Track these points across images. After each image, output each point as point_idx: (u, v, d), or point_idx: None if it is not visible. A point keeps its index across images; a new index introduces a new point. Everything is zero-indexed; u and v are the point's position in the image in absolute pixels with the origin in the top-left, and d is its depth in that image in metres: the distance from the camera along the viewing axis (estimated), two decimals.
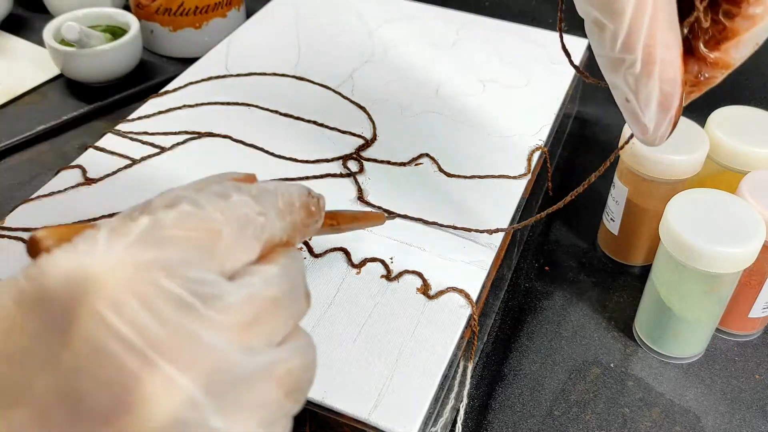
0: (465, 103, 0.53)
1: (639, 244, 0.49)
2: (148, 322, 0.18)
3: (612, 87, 0.29)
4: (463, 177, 0.46)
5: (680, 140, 0.45)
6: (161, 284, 0.19)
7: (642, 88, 0.27)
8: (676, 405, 0.43)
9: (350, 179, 0.46)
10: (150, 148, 0.48)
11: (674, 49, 0.27)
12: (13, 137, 0.58)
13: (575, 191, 0.38)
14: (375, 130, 0.50)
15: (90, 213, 0.43)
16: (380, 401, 0.33)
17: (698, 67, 0.29)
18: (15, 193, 0.54)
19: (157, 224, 0.20)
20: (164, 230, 0.20)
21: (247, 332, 0.20)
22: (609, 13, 0.26)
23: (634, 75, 0.27)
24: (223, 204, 0.21)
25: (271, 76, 0.55)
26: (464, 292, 0.38)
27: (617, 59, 0.27)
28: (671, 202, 0.40)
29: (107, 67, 0.63)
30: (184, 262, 0.19)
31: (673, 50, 0.27)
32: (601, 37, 0.27)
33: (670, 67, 0.27)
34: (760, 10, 0.27)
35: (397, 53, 0.58)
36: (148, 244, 0.19)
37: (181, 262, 0.19)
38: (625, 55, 0.27)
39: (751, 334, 0.47)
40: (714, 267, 0.38)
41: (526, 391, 0.43)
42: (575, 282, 0.50)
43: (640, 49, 0.26)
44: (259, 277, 0.21)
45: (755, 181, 0.42)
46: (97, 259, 0.18)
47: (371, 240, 0.41)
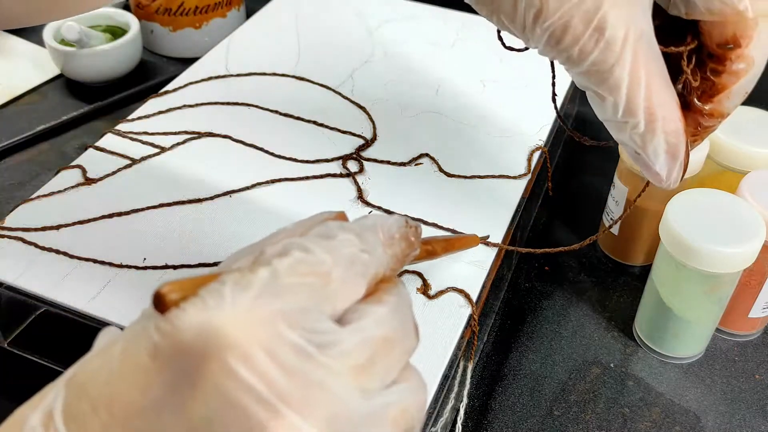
0: (465, 103, 0.53)
1: (639, 244, 0.49)
2: (274, 374, 0.19)
3: (621, 143, 0.31)
4: (463, 177, 0.46)
5: None
6: (284, 335, 0.19)
7: (648, 144, 0.30)
8: (676, 405, 0.43)
9: (350, 179, 0.46)
10: (150, 148, 0.48)
11: (672, 105, 0.29)
12: (13, 137, 0.58)
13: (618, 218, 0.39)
14: (375, 130, 0.50)
15: (90, 213, 0.43)
16: None
17: (697, 119, 0.31)
18: (15, 193, 0.54)
19: (275, 275, 0.20)
20: (281, 279, 0.20)
21: (363, 375, 0.21)
22: (606, 88, 0.28)
23: (639, 134, 0.29)
24: (330, 245, 0.22)
25: (271, 76, 0.55)
26: (464, 292, 0.38)
27: (621, 123, 0.29)
28: (671, 202, 0.40)
29: (107, 67, 0.63)
30: (301, 310, 0.20)
31: (671, 106, 0.29)
32: (603, 106, 0.29)
33: (671, 121, 0.29)
34: (743, 66, 0.29)
35: (397, 53, 0.58)
36: (270, 296, 0.20)
37: (299, 310, 0.20)
38: (629, 119, 0.29)
39: (751, 334, 0.47)
40: (714, 267, 0.38)
41: (526, 391, 0.43)
42: (575, 282, 0.50)
43: (642, 113, 0.28)
44: (371, 319, 0.22)
45: (755, 181, 0.42)
46: (226, 314, 0.19)
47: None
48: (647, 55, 0.28)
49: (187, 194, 0.44)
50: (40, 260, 0.40)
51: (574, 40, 0.27)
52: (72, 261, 0.40)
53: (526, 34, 0.29)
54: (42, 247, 0.40)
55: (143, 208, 0.43)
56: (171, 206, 0.43)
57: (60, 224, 0.42)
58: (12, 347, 0.42)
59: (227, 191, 0.45)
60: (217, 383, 0.19)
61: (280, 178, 0.46)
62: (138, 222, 0.42)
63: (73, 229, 0.42)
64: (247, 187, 0.45)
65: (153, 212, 0.43)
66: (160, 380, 0.19)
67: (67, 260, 0.40)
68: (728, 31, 0.29)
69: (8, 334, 0.42)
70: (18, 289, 0.39)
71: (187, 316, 0.19)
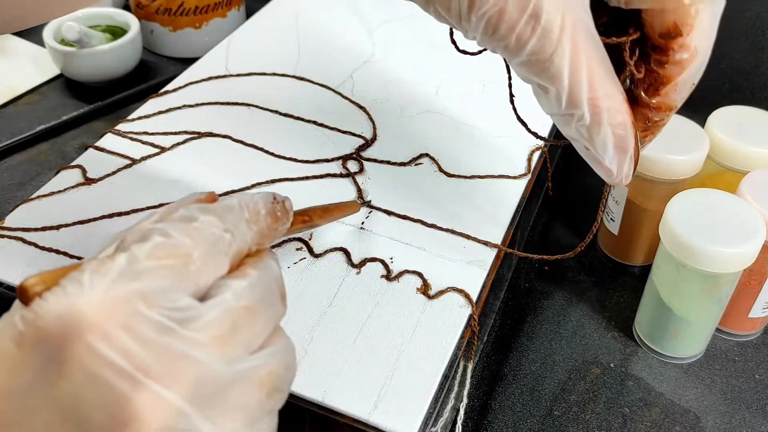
0: (465, 103, 0.53)
1: (639, 244, 0.49)
2: (133, 348, 0.20)
3: (570, 140, 0.31)
4: (463, 177, 0.46)
5: (680, 140, 0.45)
6: (142, 313, 0.21)
7: (595, 136, 0.29)
8: (676, 405, 0.43)
9: (350, 179, 0.46)
10: (150, 148, 0.48)
11: (617, 96, 0.28)
12: (13, 137, 0.58)
13: None
14: (375, 130, 0.50)
15: (90, 213, 0.43)
16: (380, 401, 0.33)
17: (645, 113, 0.31)
18: (15, 193, 0.54)
19: (132, 259, 0.22)
20: (139, 264, 0.22)
21: (227, 344, 0.22)
22: (547, 78, 0.28)
23: (585, 127, 0.29)
24: (191, 227, 0.23)
25: (271, 76, 0.55)
26: (464, 292, 0.38)
27: (567, 115, 0.29)
28: (671, 202, 0.40)
29: (107, 67, 0.63)
30: (160, 290, 0.22)
31: (617, 97, 0.28)
32: (547, 98, 0.29)
33: (617, 112, 0.28)
34: (687, 55, 0.29)
35: (397, 53, 0.58)
36: (127, 279, 0.21)
37: (158, 290, 0.21)
38: (573, 111, 0.28)
39: (751, 334, 0.47)
40: (714, 267, 0.38)
41: (526, 391, 0.43)
42: (575, 282, 0.50)
43: (585, 103, 0.28)
44: (230, 292, 0.23)
45: (755, 181, 0.42)
46: (84, 298, 0.21)
47: (371, 240, 0.41)
48: (587, 44, 0.27)
49: (186, 194, 0.44)
50: (40, 260, 0.40)
51: (510, 28, 0.27)
52: (72, 261, 0.40)
53: (463, 24, 0.28)
54: (42, 247, 0.40)
55: (143, 208, 0.43)
56: None
57: (60, 224, 0.42)
58: None
59: (227, 191, 0.45)
60: (80, 362, 0.20)
61: (280, 178, 0.46)
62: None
63: (73, 229, 0.42)
64: (247, 187, 0.45)
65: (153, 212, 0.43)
66: (26, 365, 0.20)
67: (67, 260, 0.40)
68: (668, 20, 0.28)
69: None
70: None
71: (48, 303, 0.21)
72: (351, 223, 0.42)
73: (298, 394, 0.34)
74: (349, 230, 0.42)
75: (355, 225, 0.42)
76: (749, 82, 0.62)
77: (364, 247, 0.41)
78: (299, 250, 0.41)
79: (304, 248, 0.41)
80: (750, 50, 0.61)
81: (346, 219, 0.43)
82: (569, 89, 0.28)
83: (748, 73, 0.62)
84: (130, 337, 0.20)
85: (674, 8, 0.28)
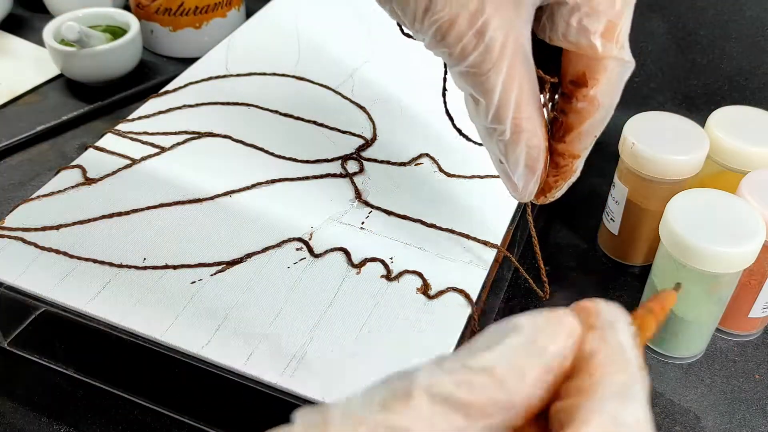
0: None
1: (639, 244, 0.49)
2: None
3: (487, 149, 0.32)
4: (463, 177, 0.46)
5: (680, 140, 0.45)
6: None
7: (511, 153, 0.31)
8: (676, 405, 0.43)
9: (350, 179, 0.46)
10: (150, 148, 0.48)
11: (537, 121, 0.31)
12: (13, 137, 0.58)
13: None
14: (375, 130, 0.50)
15: (90, 213, 0.43)
16: None
17: (555, 159, 0.33)
18: (15, 193, 0.54)
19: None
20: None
21: None
22: (481, 91, 0.29)
23: (504, 142, 0.30)
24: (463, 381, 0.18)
25: (271, 76, 0.55)
26: (464, 292, 0.38)
27: (490, 128, 0.30)
28: (671, 203, 0.40)
29: (107, 67, 0.63)
30: None
31: (537, 122, 0.30)
32: (476, 109, 0.30)
33: (535, 136, 0.31)
34: (588, 106, 0.30)
35: (397, 53, 0.58)
36: None
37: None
38: (497, 126, 0.30)
39: (751, 334, 0.47)
40: (714, 267, 0.38)
41: None
42: (575, 282, 0.50)
43: (509, 121, 0.30)
44: None
45: (755, 181, 0.42)
46: None
47: (371, 240, 0.41)
48: (522, 68, 0.29)
49: (187, 194, 0.44)
50: (40, 260, 0.40)
51: (457, 38, 0.29)
52: (72, 261, 0.40)
53: (416, 25, 0.30)
54: (42, 247, 0.40)
55: (143, 208, 0.43)
56: (171, 206, 0.43)
57: (60, 224, 0.42)
58: (12, 347, 0.42)
59: (227, 191, 0.45)
60: None
61: (280, 178, 0.46)
62: (138, 222, 0.42)
63: (73, 229, 0.42)
64: (247, 187, 0.45)
65: (153, 212, 0.43)
66: None
67: (67, 260, 0.40)
68: (580, 68, 0.30)
69: (8, 334, 0.42)
70: (18, 289, 0.39)
71: None
72: (351, 223, 0.42)
73: (297, 394, 0.34)
74: (349, 230, 0.42)
75: (355, 225, 0.42)
76: (749, 82, 0.62)
77: (364, 247, 0.41)
78: (299, 250, 0.41)
79: (304, 248, 0.41)
80: (750, 50, 0.61)
81: (346, 219, 0.43)
82: (498, 105, 0.29)
83: (748, 73, 0.62)
84: None
85: (587, 59, 0.30)
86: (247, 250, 0.41)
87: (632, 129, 0.46)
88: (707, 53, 0.63)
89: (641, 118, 0.47)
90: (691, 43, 0.63)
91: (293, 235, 0.41)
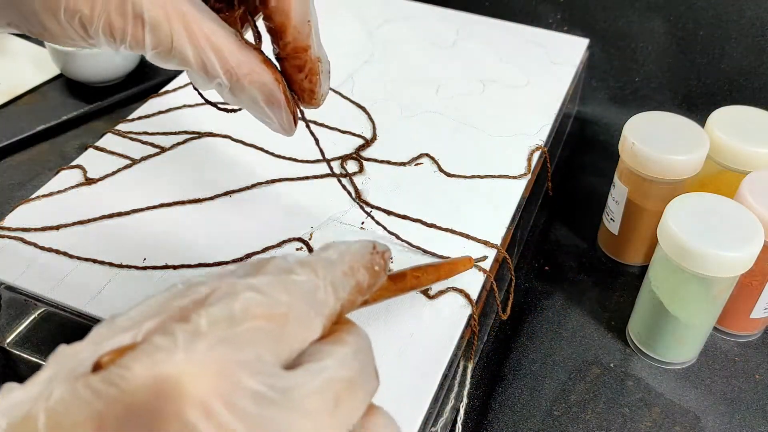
0: (465, 103, 0.53)
1: (639, 244, 0.49)
2: (235, 424, 0.18)
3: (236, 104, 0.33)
4: (463, 177, 0.46)
5: (680, 140, 0.45)
6: (244, 384, 0.18)
7: (245, 99, 0.31)
8: (676, 405, 0.43)
9: (347, 179, 0.46)
10: (150, 148, 0.48)
11: (253, 61, 0.31)
12: (13, 137, 0.58)
13: None
14: (375, 130, 0.50)
15: (90, 213, 0.43)
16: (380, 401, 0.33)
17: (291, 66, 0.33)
18: (15, 193, 0.54)
19: (230, 320, 0.19)
20: (237, 326, 0.19)
21: (329, 417, 0.20)
22: (179, 62, 0.30)
23: (232, 93, 0.31)
24: (287, 283, 0.21)
25: None
26: (464, 292, 0.38)
27: (217, 86, 0.31)
28: (670, 205, 0.40)
29: (107, 67, 0.63)
30: (259, 357, 0.19)
31: (252, 62, 0.31)
32: (191, 75, 0.31)
33: (258, 74, 0.31)
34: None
35: (397, 53, 0.58)
36: (226, 344, 0.19)
37: (256, 356, 0.19)
38: (216, 81, 0.30)
39: (752, 335, 0.47)
40: (712, 270, 0.38)
41: (526, 391, 0.43)
42: (575, 282, 0.50)
43: (222, 75, 0.30)
44: (333, 360, 0.21)
45: (756, 182, 0.42)
46: (179, 364, 0.18)
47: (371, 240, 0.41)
48: (204, 26, 0.29)
49: (187, 194, 0.44)
50: (40, 260, 0.40)
51: (124, 33, 0.29)
52: (72, 261, 0.40)
53: (89, 41, 0.30)
54: (42, 247, 0.40)
55: (143, 208, 0.43)
56: (171, 206, 0.43)
57: (60, 224, 0.42)
58: (12, 347, 0.42)
59: (227, 191, 0.45)
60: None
61: (280, 178, 0.46)
62: (138, 222, 0.42)
63: (73, 229, 0.42)
64: (247, 187, 0.45)
65: (153, 212, 0.43)
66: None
67: (67, 260, 0.40)
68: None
69: (8, 334, 0.42)
70: (18, 289, 0.39)
71: (134, 372, 0.18)
72: (351, 223, 0.42)
73: None
74: (349, 230, 0.42)
75: (355, 225, 0.42)
76: (749, 82, 0.62)
77: None
78: (299, 250, 0.41)
79: (304, 248, 0.41)
80: (750, 50, 0.61)
81: (346, 218, 0.43)
82: (203, 67, 0.30)
83: (748, 73, 0.62)
84: (231, 411, 0.18)
85: None
86: (247, 250, 0.41)
87: (632, 129, 0.46)
88: (707, 53, 0.63)
89: (641, 118, 0.47)
90: (691, 43, 0.63)
91: (293, 235, 0.41)
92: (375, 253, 0.25)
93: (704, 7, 0.61)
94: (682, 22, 0.63)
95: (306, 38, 0.32)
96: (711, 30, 0.62)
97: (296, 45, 0.32)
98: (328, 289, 0.22)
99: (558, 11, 0.67)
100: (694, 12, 0.62)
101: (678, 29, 0.63)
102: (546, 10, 0.67)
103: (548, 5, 0.67)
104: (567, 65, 0.57)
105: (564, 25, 0.67)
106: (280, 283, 0.21)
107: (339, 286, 0.23)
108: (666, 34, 0.64)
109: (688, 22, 0.62)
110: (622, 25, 0.65)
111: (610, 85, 0.67)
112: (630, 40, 0.65)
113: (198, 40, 0.29)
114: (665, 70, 0.65)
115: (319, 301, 0.22)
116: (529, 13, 0.68)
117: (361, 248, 0.24)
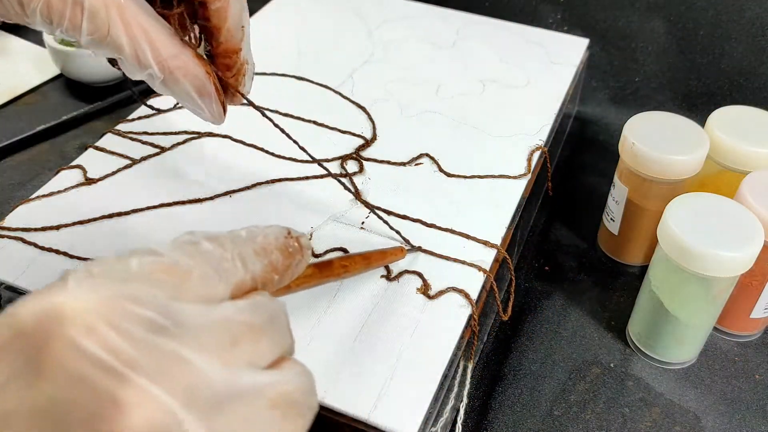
0: (465, 103, 0.53)
1: (639, 244, 0.49)
2: (121, 344, 0.19)
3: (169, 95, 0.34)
4: (463, 177, 0.46)
5: (680, 140, 0.45)
6: (131, 310, 0.19)
7: (176, 90, 0.33)
8: (676, 405, 0.43)
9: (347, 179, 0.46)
10: (150, 148, 0.48)
11: (185, 54, 0.32)
12: (13, 137, 0.58)
13: None
14: (375, 130, 0.50)
15: (90, 213, 0.43)
16: (380, 401, 0.33)
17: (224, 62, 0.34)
18: (15, 193, 0.54)
19: (123, 266, 0.21)
20: (131, 270, 0.21)
21: (225, 353, 0.21)
22: (113, 50, 0.31)
23: (164, 84, 0.32)
24: (192, 250, 0.22)
25: (271, 76, 0.55)
26: (464, 292, 0.38)
27: (147, 77, 0.32)
28: (670, 205, 0.40)
29: (107, 68, 0.63)
30: (152, 295, 0.20)
31: (185, 55, 0.32)
32: (124, 66, 0.32)
33: (189, 67, 0.32)
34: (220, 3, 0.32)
35: (397, 53, 0.58)
36: (116, 281, 0.20)
37: (149, 295, 0.20)
38: (147, 71, 0.32)
39: (752, 335, 0.47)
40: (711, 271, 0.38)
41: (526, 391, 0.43)
42: (575, 282, 0.50)
43: (155, 66, 0.31)
44: (232, 306, 0.22)
45: (755, 182, 0.42)
46: (67, 295, 0.19)
47: (371, 240, 0.41)
48: (141, 19, 0.31)
49: (187, 194, 0.44)
50: (40, 260, 0.40)
51: (61, 16, 0.30)
52: (72, 261, 0.40)
53: (26, 20, 0.31)
54: (42, 247, 0.40)
55: (143, 208, 0.43)
56: (171, 206, 0.43)
57: (60, 224, 0.42)
58: None
59: (227, 191, 0.45)
60: (61, 360, 0.18)
61: (280, 178, 0.46)
62: (138, 222, 0.42)
63: (73, 229, 0.42)
64: (247, 187, 0.45)
65: (153, 212, 0.43)
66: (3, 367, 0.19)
67: (67, 260, 0.40)
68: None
69: None
70: (18, 289, 0.39)
71: (26, 302, 0.19)
72: (351, 223, 0.42)
73: None
74: (348, 230, 0.42)
75: (355, 225, 0.42)
76: (749, 82, 0.62)
77: (363, 247, 0.41)
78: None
79: None
80: (750, 50, 0.61)
81: (346, 218, 0.43)
82: (135, 56, 0.31)
83: (748, 73, 0.62)
84: (116, 332, 0.19)
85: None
86: None
87: (632, 129, 0.46)
88: (707, 53, 0.63)
89: (641, 118, 0.47)
90: (691, 43, 0.63)
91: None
92: (289, 237, 0.26)
93: (704, 7, 0.61)
94: (682, 22, 0.63)
95: (239, 42, 0.34)
96: (711, 30, 0.62)
97: (228, 47, 0.34)
98: (236, 261, 0.23)
99: (558, 11, 0.67)
100: (694, 12, 0.62)
101: (678, 29, 0.63)
102: (546, 10, 0.67)
103: (548, 5, 0.67)
104: (567, 65, 0.57)
105: (564, 25, 0.67)
106: (183, 250, 0.22)
107: (248, 260, 0.24)
108: (666, 34, 0.64)
109: (688, 22, 0.62)
110: (622, 25, 0.65)
111: (610, 85, 0.67)
112: (630, 40, 0.65)
113: (133, 30, 0.31)
114: (665, 70, 0.65)
115: (225, 269, 0.23)
116: (529, 13, 0.68)
117: (275, 231, 0.26)
